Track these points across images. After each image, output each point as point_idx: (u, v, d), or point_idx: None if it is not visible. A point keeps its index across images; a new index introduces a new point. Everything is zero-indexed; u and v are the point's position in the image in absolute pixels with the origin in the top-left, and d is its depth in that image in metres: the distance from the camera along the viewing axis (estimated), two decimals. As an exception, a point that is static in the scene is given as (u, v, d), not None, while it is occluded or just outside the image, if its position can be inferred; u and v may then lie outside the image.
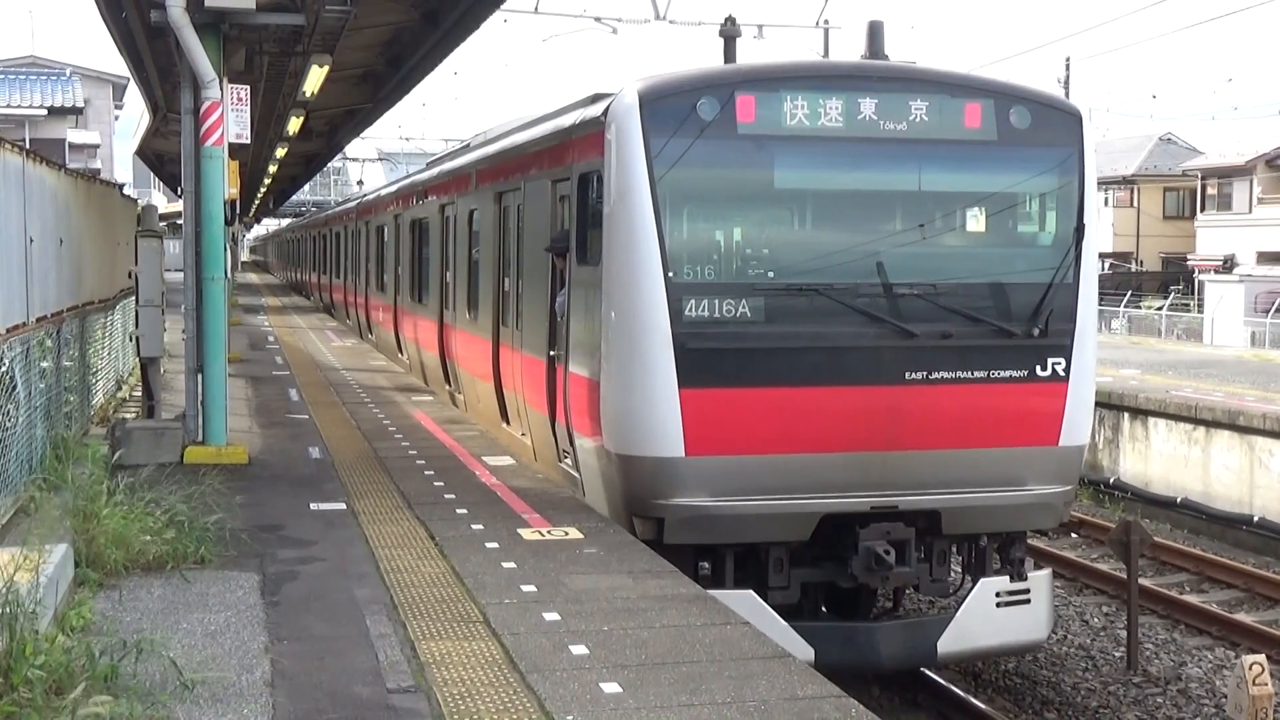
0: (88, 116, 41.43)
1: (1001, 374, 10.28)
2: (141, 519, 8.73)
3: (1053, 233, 10.66)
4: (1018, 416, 10.35)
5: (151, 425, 12.92)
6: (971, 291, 10.33)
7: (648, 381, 9.72)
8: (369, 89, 23.78)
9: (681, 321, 9.67)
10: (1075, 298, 10.46)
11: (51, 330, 11.93)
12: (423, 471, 12.05)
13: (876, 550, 9.98)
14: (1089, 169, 10.63)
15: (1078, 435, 10.54)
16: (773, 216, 10.60)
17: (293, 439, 14.01)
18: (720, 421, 9.76)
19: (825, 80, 10.33)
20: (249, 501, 10.54)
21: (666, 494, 9.78)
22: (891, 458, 10.05)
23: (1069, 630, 14.00)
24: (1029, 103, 10.56)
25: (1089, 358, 10.55)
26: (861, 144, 10.16)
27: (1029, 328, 10.30)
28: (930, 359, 10.10)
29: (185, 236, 12.76)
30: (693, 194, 9.98)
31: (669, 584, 8.30)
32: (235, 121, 12.94)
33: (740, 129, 9.90)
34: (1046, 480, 10.49)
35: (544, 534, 9.54)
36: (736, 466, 9.81)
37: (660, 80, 10.17)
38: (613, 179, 9.94)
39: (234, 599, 7.82)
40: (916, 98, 10.22)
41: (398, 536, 9.44)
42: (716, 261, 10.09)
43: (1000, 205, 10.60)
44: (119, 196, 18.97)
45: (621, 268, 9.86)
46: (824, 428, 9.94)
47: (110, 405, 16.46)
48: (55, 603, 6.98)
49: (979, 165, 10.53)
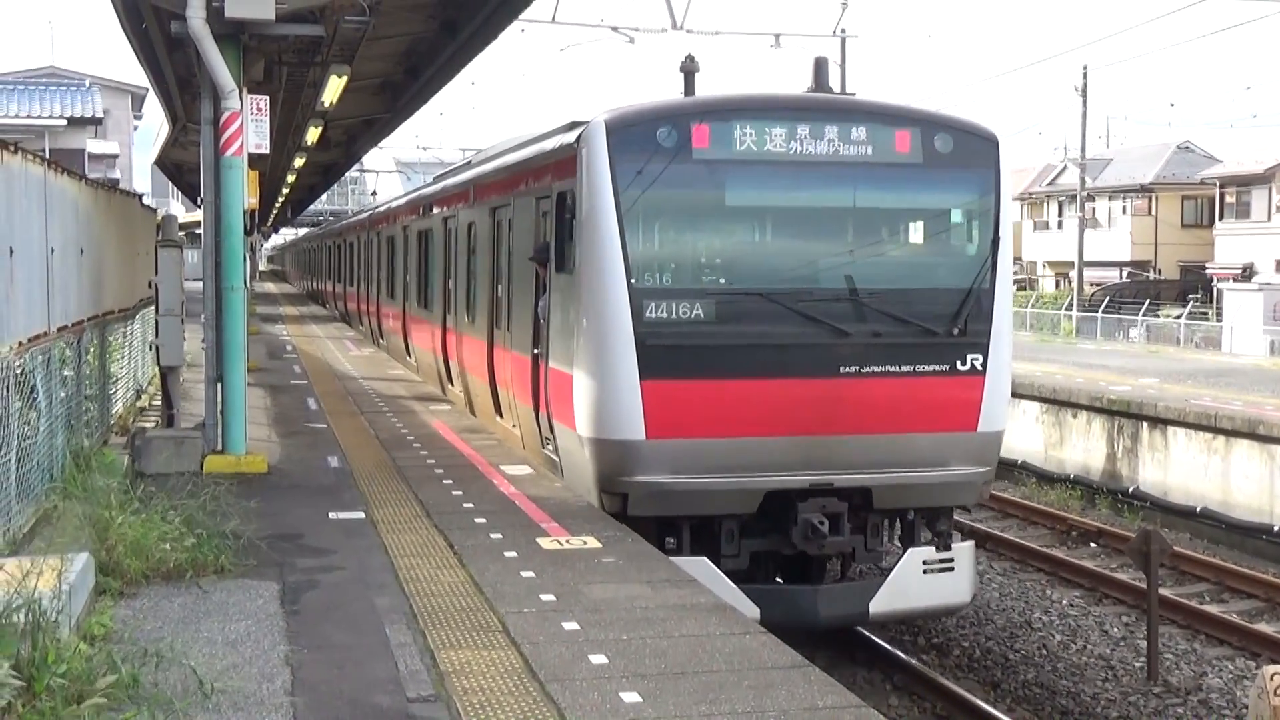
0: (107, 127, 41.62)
1: (925, 368, 11.66)
2: (161, 528, 8.77)
3: (972, 244, 12.00)
4: (940, 406, 11.68)
5: (171, 434, 12.97)
6: (899, 296, 11.65)
7: (613, 374, 11.07)
8: (387, 99, 23.87)
9: (643, 322, 11.02)
10: (992, 302, 11.82)
11: (72, 340, 11.98)
12: (441, 480, 12.07)
13: (813, 521, 11.30)
14: (1005, 188, 12.01)
15: (995, 422, 11.87)
16: (724, 230, 11.81)
17: (311, 448, 14.04)
18: (677, 409, 11.08)
19: (771, 111, 11.69)
20: (268, 510, 10.57)
21: (630, 472, 11.10)
22: (827, 441, 11.38)
23: (1088, 640, 13.95)
24: (952, 130, 12.00)
25: (1004, 354, 11.88)
26: (803, 166, 11.55)
27: (950, 328, 11.66)
28: (862, 355, 11.45)
29: (204, 246, 12.82)
30: (653, 210, 11.28)
31: (688, 593, 8.29)
32: (255, 132, 12.99)
33: (695, 154, 11.31)
34: (967, 462, 11.82)
35: (562, 543, 9.54)
36: (691, 448, 11.14)
37: (625, 111, 11.61)
38: (583, 197, 11.32)
39: (254, 608, 7.84)
40: (852, 126, 11.63)
41: (417, 545, 9.45)
42: (674, 269, 11.42)
43: (926, 220, 12.13)
44: (139, 207, 19.05)
45: (591, 275, 11.23)
46: (768, 415, 11.26)
47: (130, 414, 16.51)
48: (76, 611, 7.00)
49: (907, 185, 11.92)
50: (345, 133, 29.46)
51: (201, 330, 12.99)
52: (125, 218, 16.73)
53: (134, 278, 17.24)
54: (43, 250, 10.62)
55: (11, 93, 37.92)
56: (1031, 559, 17.24)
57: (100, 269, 14.08)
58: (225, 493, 9.85)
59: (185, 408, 15.35)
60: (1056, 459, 23.54)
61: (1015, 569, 16.96)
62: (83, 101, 38.31)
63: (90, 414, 13.11)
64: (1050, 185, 67.87)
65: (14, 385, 9.01)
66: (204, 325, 12.84)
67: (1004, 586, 15.99)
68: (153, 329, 15.57)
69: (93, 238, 13.56)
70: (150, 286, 15.87)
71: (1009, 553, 17.63)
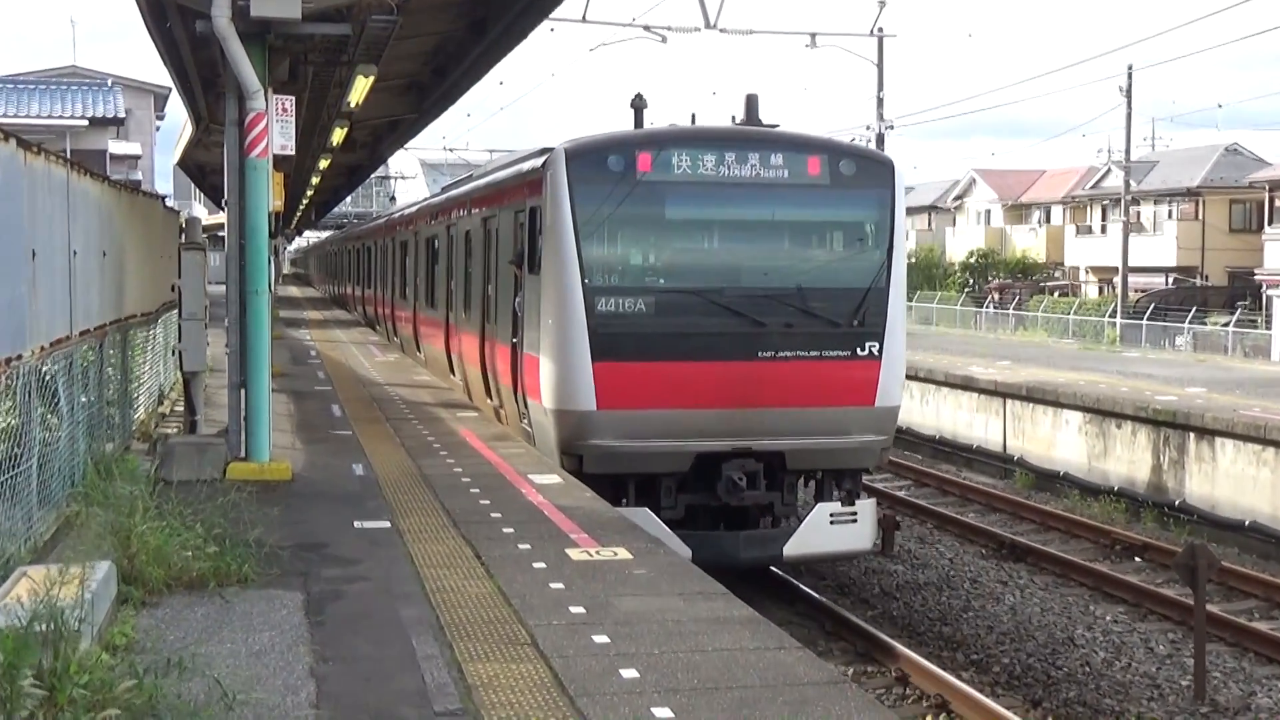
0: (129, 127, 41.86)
1: (830, 353, 14.48)
2: (183, 536, 8.81)
3: (870, 251, 14.83)
4: (843, 384, 14.49)
5: (194, 441, 13.03)
6: (808, 294, 14.53)
7: (570, 356, 13.94)
8: (413, 99, 23.95)
9: (594, 314, 13.90)
10: (887, 298, 14.64)
11: (94, 344, 12.06)
12: (468, 489, 12.10)
13: (733, 478, 14.13)
14: (899, 204, 14.85)
15: (890, 399, 14.69)
16: (663, 239, 14.62)
17: (336, 455, 14.09)
18: (623, 385, 13.94)
19: (703, 141, 14.60)
20: (292, 519, 10.61)
21: (585, 437, 13.96)
22: (747, 413, 14.19)
23: (1133, 658, 13.87)
24: (854, 156, 15.11)
25: (898, 342, 14.73)
26: (730, 187, 14.42)
27: (850, 320, 14.51)
28: (777, 342, 14.30)
29: (229, 249, 12.86)
30: (604, 222, 14.13)
31: (721, 606, 8.28)
32: (280, 133, 13.06)
33: (640, 176, 14.19)
34: (866, 431, 14.62)
35: (592, 554, 9.55)
36: (634, 417, 14.00)
37: (583, 141, 14.68)
38: (547, 211, 14.21)
39: (278, 618, 7.87)
40: (770, 153, 14.53)
41: (443, 556, 9.47)
42: (621, 271, 14.30)
43: (831, 231, 15.15)
44: (161, 209, 19.17)
45: (553, 275, 14.10)
46: (698, 391, 14.07)
47: (152, 420, 16.62)
48: (98, 620, 7.04)
49: (817, 202, 14.85)
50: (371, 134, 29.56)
51: (225, 335, 13.04)
52: (148, 220, 16.84)
53: (156, 281, 17.34)
54: (65, 253, 10.69)
55: (33, 93, 38.17)
56: (1074, 573, 17.15)
57: (122, 272, 14.17)
58: (248, 500, 9.88)
59: (208, 414, 15.42)
60: (1100, 471, 23.41)
61: (1057, 584, 16.88)
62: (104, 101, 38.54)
63: (112, 419, 13.20)
64: (1093, 189, 67.55)
65: (36, 389, 9.07)
66: (227, 330, 12.90)
67: (1046, 602, 15.91)
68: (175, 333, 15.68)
69: (115, 240, 13.65)
70: (173, 290, 15.97)
71: (1051, 567, 17.55)
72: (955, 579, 16.90)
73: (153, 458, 12.78)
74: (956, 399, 28.49)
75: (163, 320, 18.56)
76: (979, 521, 20.43)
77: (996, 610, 15.54)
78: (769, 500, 14.50)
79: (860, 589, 16.42)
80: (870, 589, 16.38)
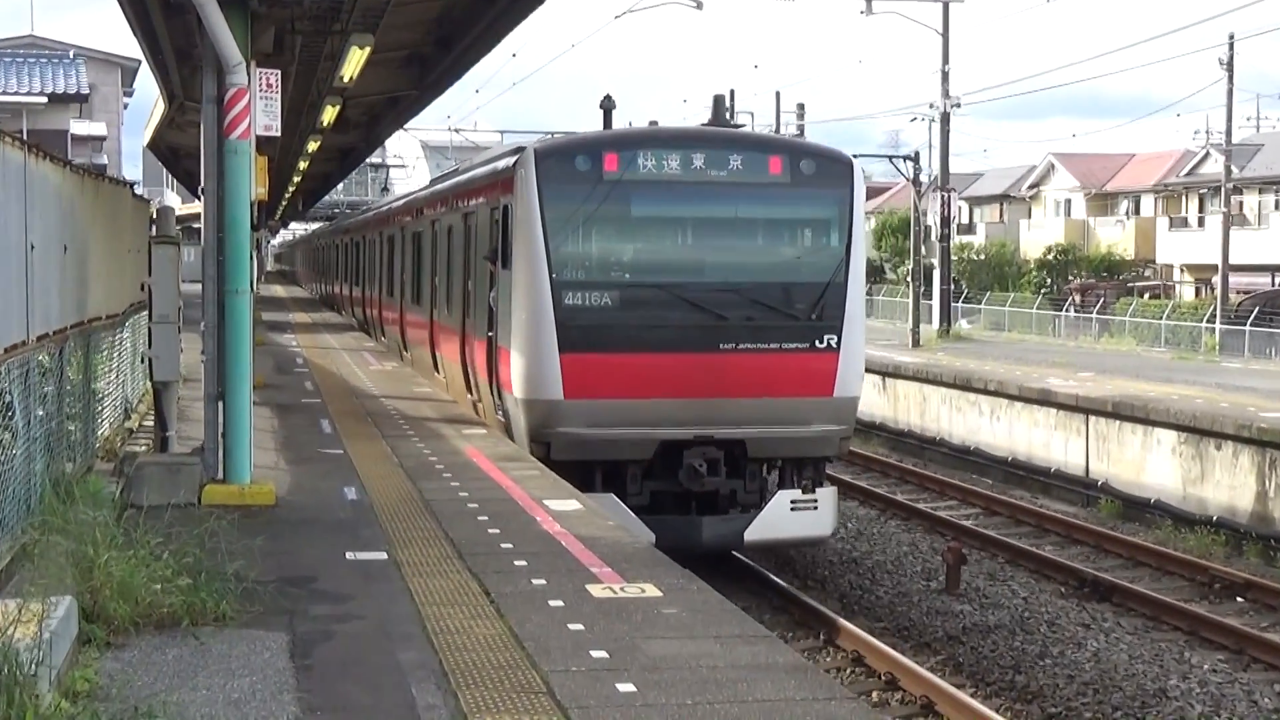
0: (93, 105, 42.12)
1: (790, 346, 16.66)
2: (153, 568, 8.84)
3: (829, 247, 17.11)
4: (802, 376, 16.67)
5: (165, 460, 13.11)
6: (768, 288, 16.81)
7: (539, 348, 16.20)
8: (415, 73, 24.02)
9: (562, 308, 16.16)
10: (845, 293, 16.86)
11: (54, 350, 12.12)
12: (476, 516, 12.12)
13: (694, 464, 16.31)
14: (858, 201, 17.14)
15: (849, 390, 16.94)
16: (628, 236, 17.02)
17: (325, 477, 14.13)
18: (589, 376, 16.17)
19: (668, 142, 16.98)
20: (276, 549, 10.64)
21: (553, 425, 16.26)
22: (709, 403, 16.38)
23: (1234, 711, 13.79)
24: (814, 155, 17.30)
25: (856, 336, 16.96)
26: (694, 186, 16.74)
27: (809, 314, 16.72)
28: (738, 335, 16.48)
29: (205, 243, 12.93)
30: (572, 220, 16.45)
31: (763, 651, 8.27)
32: (264, 111, 13.11)
33: (606, 176, 16.44)
34: (825, 421, 16.87)
35: (616, 591, 9.55)
36: (600, 406, 16.24)
37: (552, 142, 17.65)
38: (517, 209, 16.52)
39: (260, 662, 7.89)
40: (734, 153, 16.84)
41: (447, 592, 9.49)
42: (588, 266, 16.54)
43: (792, 228, 17.48)
44: (130, 197, 19.26)
45: (523, 271, 16.41)
46: (661, 381, 16.28)
47: (118, 437, 16.70)
48: (58, 663, 7.08)
49: (778, 200, 17.12)
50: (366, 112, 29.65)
51: (200, 340, 13.10)
52: (114, 210, 16.93)
53: (124, 279, 17.43)
54: (21, 247, 10.75)
55: (-15, 66, 38.46)
56: (1167, 615, 17.07)
57: (86, 269, 14.25)
58: (227, 528, 9.90)
59: (181, 429, 15.49)
60: (1196, 498, 23.31)
61: (1147, 627, 16.80)
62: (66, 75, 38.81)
63: (73, 436, 13.26)
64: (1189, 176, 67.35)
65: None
66: (203, 334, 12.96)
67: (1134, 648, 15.84)
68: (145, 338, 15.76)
69: (78, 233, 13.73)
70: (143, 289, 16.06)
71: (1140, 607, 17.48)
72: (1030, 621, 16.84)
73: (119, 479, 12.84)
74: (1032, 415, 28.41)
75: (131, 323, 18.66)
76: (1057, 555, 20.35)
77: (1077, 657, 15.47)
78: (731, 487, 16.70)
79: (922, 631, 16.39)
80: (933, 631, 16.35)
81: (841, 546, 20.60)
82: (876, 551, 20.40)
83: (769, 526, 16.76)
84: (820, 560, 19.73)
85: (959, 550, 18.72)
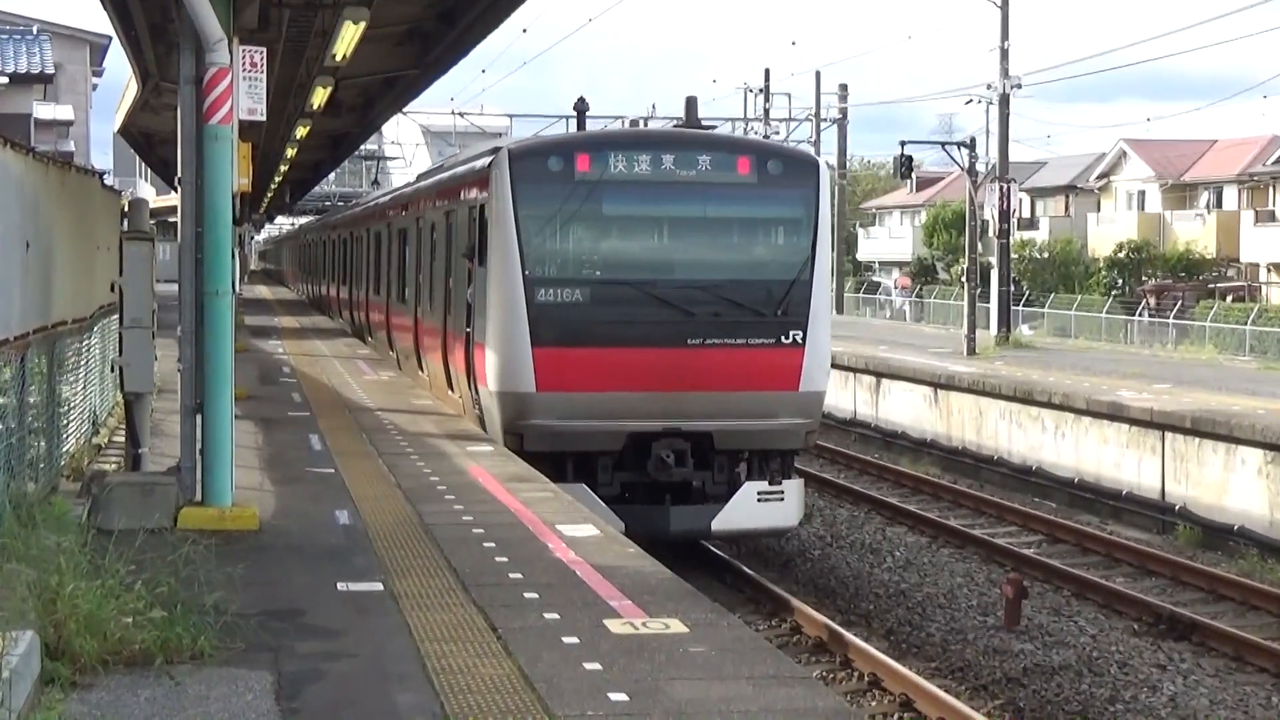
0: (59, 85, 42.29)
1: (756, 341, 18.98)
2: (123, 599, 8.85)
3: (795, 246, 19.48)
4: (768, 370, 18.98)
5: (137, 480, 13.11)
6: (735, 285, 19.11)
7: (512, 342, 18.52)
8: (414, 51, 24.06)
9: (534, 304, 18.46)
10: (810, 290, 19.15)
11: (14, 358, 12.15)
12: (481, 543, 12.13)
13: (662, 455, 18.51)
14: (824, 201, 19.46)
15: (814, 384, 19.29)
16: (600, 234, 19.33)
17: (315, 499, 14.16)
18: (561, 369, 18.46)
19: (639, 144, 19.49)
20: (260, 579, 10.65)
21: (526, 417, 18.53)
22: (677, 396, 18.64)
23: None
24: (781, 156, 20.33)
25: (821, 331, 19.32)
26: (664, 186, 19.10)
27: (775, 310, 19.04)
28: (705, 330, 18.85)
29: (182, 239, 12.94)
30: (545, 218, 18.76)
31: (801, 694, 8.25)
32: (247, 93, 13.14)
33: (578, 176, 18.79)
34: (791, 414, 19.16)
35: (637, 626, 9.54)
36: (571, 399, 18.50)
37: (526, 143, 20.44)
38: (492, 208, 18.94)
39: (241, 704, 7.90)
40: (703, 154, 19.22)
41: (449, 627, 9.49)
42: (560, 263, 18.96)
43: (759, 227, 19.89)
44: (99, 188, 19.34)
45: (497, 267, 18.77)
46: (630, 375, 18.54)
47: (85, 454, 16.74)
48: (18, 706, 7.09)
49: (746, 200, 19.51)
50: (361, 94, 29.73)
51: (177, 347, 13.12)
52: (82, 203, 16.99)
53: (92, 279, 17.49)
54: (-21, 244, 10.78)
55: (-61, 43, 38.62)
56: (1252, 655, 17.00)
57: (50, 268, 14.30)
58: (205, 555, 9.91)
59: (155, 446, 15.51)
60: (1285, 524, 23.22)
61: (1231, 668, 16.74)
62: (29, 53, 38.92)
63: (36, 453, 13.29)
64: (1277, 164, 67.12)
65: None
66: (180, 340, 12.98)
67: (1216, 692, 15.79)
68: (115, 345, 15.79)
69: (41, 228, 13.77)
70: (113, 290, 16.09)
71: (1222, 647, 17.41)
72: (1099, 661, 16.79)
73: (86, 501, 12.86)
74: (1101, 431, 28.35)
75: (100, 328, 18.70)
76: (1129, 588, 20.29)
77: (1153, 702, 15.42)
78: (699, 478, 19.09)
79: (978, 673, 16.35)
80: (990, 672, 16.30)
81: (888, 578, 20.58)
82: (927, 583, 20.37)
83: (736, 516, 19.05)
84: (865, 593, 19.72)
85: (1019, 582, 18.67)
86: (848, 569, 21.25)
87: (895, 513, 25.28)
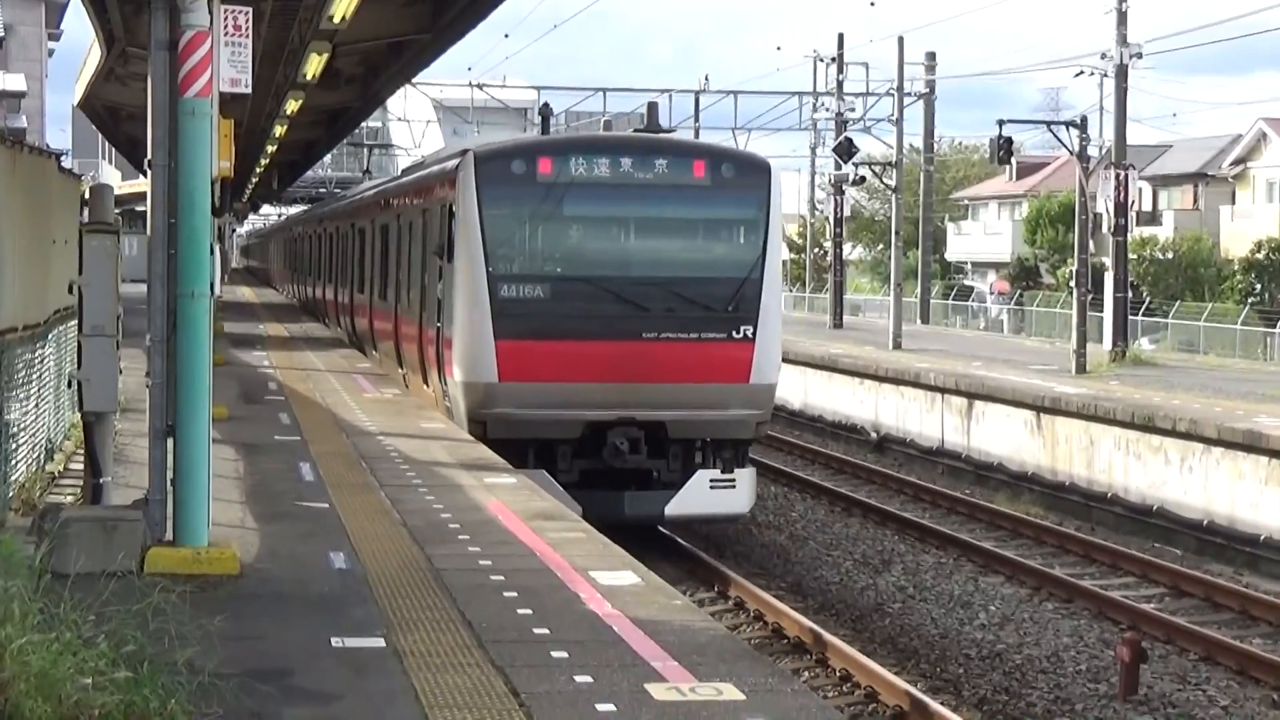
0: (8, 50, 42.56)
1: (708, 335, 23.28)
2: (81, 655, 8.86)
3: (747, 245, 23.92)
4: (720, 363, 23.27)
5: (99, 514, 13.14)
6: (689, 282, 23.49)
7: (476, 335, 22.71)
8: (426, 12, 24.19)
9: (498, 299, 22.70)
10: (761, 287, 23.49)
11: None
12: (501, 592, 12.16)
13: (616, 443, 22.76)
14: (775, 203, 24.00)
15: (764, 377, 23.62)
16: (560, 232, 23.71)
17: (306, 539, 14.20)
18: (522, 361, 22.62)
19: (599, 147, 24.21)
20: (240, 632, 10.67)
21: (489, 406, 22.76)
22: (632, 387, 22.74)
23: None
24: (734, 160, 24.97)
25: (771, 327, 23.64)
26: (621, 187, 23.48)
27: (727, 306, 23.30)
28: (659, 324, 23.10)
29: (152, 232, 12.97)
30: (508, 218, 23.25)
31: (877, 775, 8.22)
32: (230, 61, 13.20)
33: (540, 178, 23.15)
34: (741, 406, 23.51)
35: (685, 692, 9.53)
36: (532, 389, 22.66)
37: (491, 146, 24.75)
38: (459, 207, 23.26)
39: (218, 781, 7.91)
40: (659, 157, 23.61)
41: (463, 691, 9.50)
42: (522, 260, 23.50)
43: (713, 227, 24.36)
44: (55, 171, 19.42)
45: (463, 265, 23.06)
46: (588, 366, 22.66)
47: (37, 484, 16.80)
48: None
49: (700, 201, 24.00)
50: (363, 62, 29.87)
51: (145, 358, 13.17)
52: (35, 188, 17.06)
53: (46, 278, 17.56)
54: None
55: (-128, 1, 38.86)
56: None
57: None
58: (177, 604, 9.93)
59: (119, 475, 15.56)
60: None
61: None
62: (-25, 14, 39.13)
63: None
64: None
65: None
66: (149, 351, 13.02)
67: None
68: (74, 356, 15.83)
69: (-12, 218, 13.83)
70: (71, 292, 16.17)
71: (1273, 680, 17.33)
72: (1232, 737, 16.71)
73: (38, 539, 12.90)
74: (1235, 465, 28.20)
75: (55, 336, 18.78)
76: (1268, 651, 20.19)
77: (1295, 787, 15.33)
78: (653, 466, 23.30)
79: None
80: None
81: (982, 636, 20.52)
82: (1028, 644, 20.30)
83: (688, 502, 23.47)
84: (954, 654, 19.65)
85: (1137, 643, 18.59)
86: (933, 626, 21.19)
87: (989, 559, 25.20)
